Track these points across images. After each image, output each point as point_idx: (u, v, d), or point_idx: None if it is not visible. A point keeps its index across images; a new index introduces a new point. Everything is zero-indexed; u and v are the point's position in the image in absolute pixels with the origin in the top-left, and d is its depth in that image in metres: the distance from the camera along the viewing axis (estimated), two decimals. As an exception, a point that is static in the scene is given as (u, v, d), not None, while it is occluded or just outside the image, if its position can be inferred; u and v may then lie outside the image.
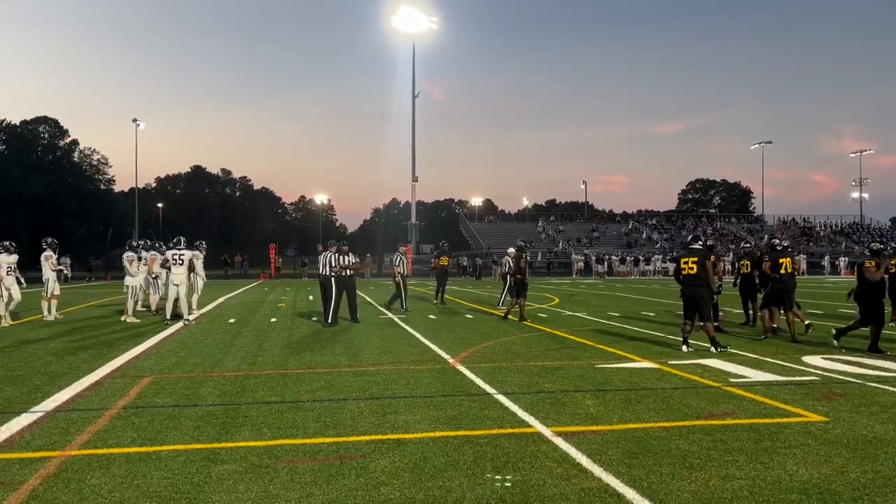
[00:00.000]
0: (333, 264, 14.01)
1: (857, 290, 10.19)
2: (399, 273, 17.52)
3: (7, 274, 14.17)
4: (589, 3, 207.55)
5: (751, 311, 13.61)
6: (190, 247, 16.09)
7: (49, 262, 15.32)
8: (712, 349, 9.89)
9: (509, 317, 15.06)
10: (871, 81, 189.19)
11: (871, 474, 4.53)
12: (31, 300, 20.67)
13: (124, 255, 15.77)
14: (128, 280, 15.32)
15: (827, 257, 52.56)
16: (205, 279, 17.64)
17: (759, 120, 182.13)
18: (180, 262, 14.30)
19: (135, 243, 16.22)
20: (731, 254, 45.31)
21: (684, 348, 10.07)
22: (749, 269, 13.35)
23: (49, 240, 15.83)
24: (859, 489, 4.26)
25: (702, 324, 10.07)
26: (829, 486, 4.30)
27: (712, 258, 10.35)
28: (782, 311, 11.73)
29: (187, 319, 14.20)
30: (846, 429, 5.68)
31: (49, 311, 15.36)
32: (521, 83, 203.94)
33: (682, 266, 10.16)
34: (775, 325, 11.74)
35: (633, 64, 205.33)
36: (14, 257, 14.51)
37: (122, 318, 15.06)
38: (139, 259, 15.87)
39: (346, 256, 14.31)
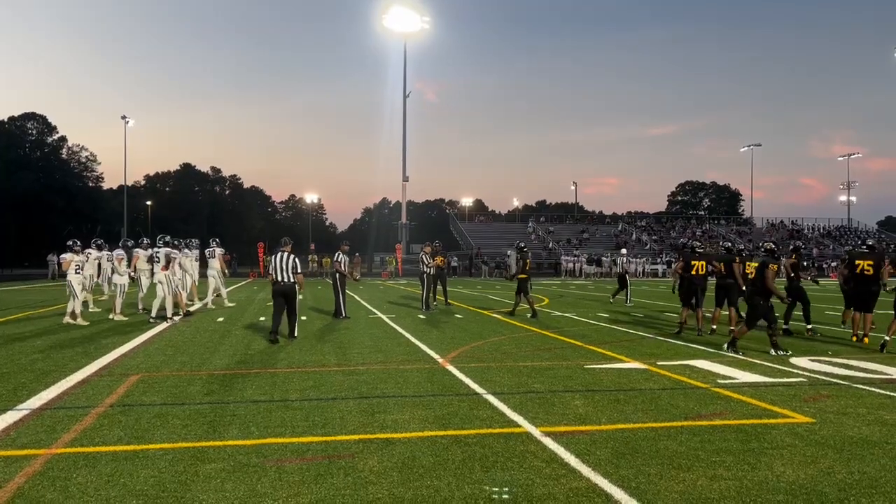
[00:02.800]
0: (299, 267, 11.38)
1: None
2: (425, 272, 17.91)
3: (76, 273, 14.30)
4: (582, 5, 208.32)
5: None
6: (178, 246, 16.08)
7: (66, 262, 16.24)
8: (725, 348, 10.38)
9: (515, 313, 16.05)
10: (861, 86, 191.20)
11: (857, 475, 4.57)
12: (18, 298, 20.58)
13: (114, 254, 15.76)
14: (115, 278, 15.30)
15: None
16: (194, 277, 17.46)
17: (751, 123, 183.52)
18: (157, 259, 14.32)
19: (129, 242, 16.25)
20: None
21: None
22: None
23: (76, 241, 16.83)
24: (845, 490, 4.28)
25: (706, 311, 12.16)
26: (815, 487, 4.32)
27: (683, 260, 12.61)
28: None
29: (170, 318, 14.07)
30: (833, 430, 5.71)
31: (94, 305, 16.67)
32: (514, 84, 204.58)
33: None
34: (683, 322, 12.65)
35: (626, 66, 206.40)
36: (81, 257, 14.86)
37: (110, 316, 14.99)
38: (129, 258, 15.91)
39: (291, 256, 11.49)
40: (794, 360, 9.40)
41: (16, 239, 71.97)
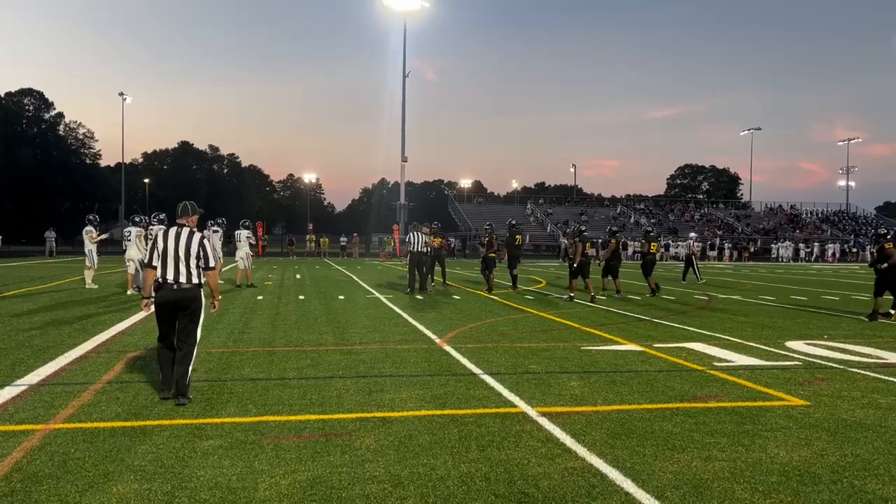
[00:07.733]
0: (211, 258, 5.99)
1: None
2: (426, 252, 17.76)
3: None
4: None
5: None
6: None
7: (89, 236, 16.97)
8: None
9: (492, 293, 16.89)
10: (863, 70, 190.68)
11: (850, 458, 4.60)
12: (16, 274, 20.51)
13: (129, 230, 15.95)
14: (130, 253, 15.51)
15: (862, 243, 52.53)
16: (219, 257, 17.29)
17: (752, 107, 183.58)
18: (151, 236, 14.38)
19: (137, 218, 16.27)
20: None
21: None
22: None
23: (91, 216, 17.74)
24: (838, 472, 4.32)
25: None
26: (808, 469, 4.35)
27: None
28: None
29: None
30: (827, 413, 5.75)
31: (91, 281, 17.16)
32: (515, 65, 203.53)
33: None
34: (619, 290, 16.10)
35: (628, 48, 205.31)
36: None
37: (128, 292, 15.38)
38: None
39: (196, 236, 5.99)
40: (789, 344, 9.44)
41: (15, 215, 71.89)
